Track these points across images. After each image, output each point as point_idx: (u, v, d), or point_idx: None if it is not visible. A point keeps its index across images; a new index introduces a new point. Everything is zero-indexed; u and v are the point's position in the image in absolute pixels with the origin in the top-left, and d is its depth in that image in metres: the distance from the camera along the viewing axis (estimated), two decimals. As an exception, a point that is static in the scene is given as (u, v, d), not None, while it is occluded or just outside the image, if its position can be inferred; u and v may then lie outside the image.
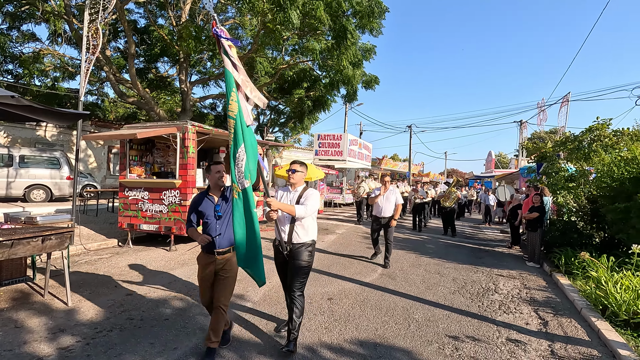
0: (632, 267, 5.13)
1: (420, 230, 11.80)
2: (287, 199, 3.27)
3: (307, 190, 3.28)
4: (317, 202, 3.23)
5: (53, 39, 14.33)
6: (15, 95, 2.40)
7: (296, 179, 3.29)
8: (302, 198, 3.20)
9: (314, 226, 3.31)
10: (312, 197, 3.21)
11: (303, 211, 3.08)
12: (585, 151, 9.05)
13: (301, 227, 3.19)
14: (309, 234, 3.24)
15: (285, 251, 3.18)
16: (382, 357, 3.20)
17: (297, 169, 3.28)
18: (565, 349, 3.53)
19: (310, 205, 3.15)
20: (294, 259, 3.18)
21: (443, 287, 5.49)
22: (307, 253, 3.20)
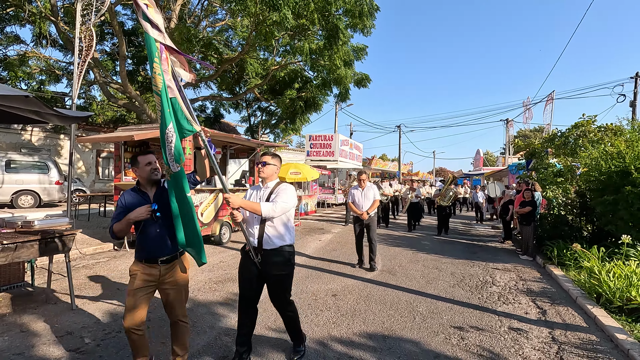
0: (622, 257, 5.34)
1: (414, 228, 11.67)
2: (257, 197, 2.87)
3: (279, 185, 2.86)
4: (291, 198, 2.78)
5: (38, 41, 14.04)
6: (30, 95, 2.38)
7: (267, 172, 2.86)
8: (272, 194, 2.78)
9: (289, 227, 2.84)
10: (284, 192, 2.77)
11: (270, 209, 2.64)
12: (572, 147, 9.36)
13: (273, 228, 2.75)
14: (284, 237, 2.79)
15: (257, 259, 2.74)
16: (392, 349, 3.28)
17: (268, 161, 2.86)
18: (565, 335, 3.67)
19: (282, 202, 2.70)
20: (267, 269, 2.76)
21: (443, 281, 5.61)
22: (282, 260, 2.77)
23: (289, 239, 2.83)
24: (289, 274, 2.86)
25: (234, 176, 9.61)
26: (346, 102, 17.13)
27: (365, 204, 6.22)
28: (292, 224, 2.90)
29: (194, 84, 16.70)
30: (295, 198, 2.83)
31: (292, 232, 2.90)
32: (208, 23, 15.08)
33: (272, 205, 2.67)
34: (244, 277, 2.84)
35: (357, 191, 6.34)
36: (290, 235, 2.85)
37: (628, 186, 5.79)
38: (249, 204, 2.65)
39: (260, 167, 2.86)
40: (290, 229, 2.87)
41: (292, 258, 2.87)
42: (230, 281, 5.21)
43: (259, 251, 2.75)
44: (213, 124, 19.71)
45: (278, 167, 2.94)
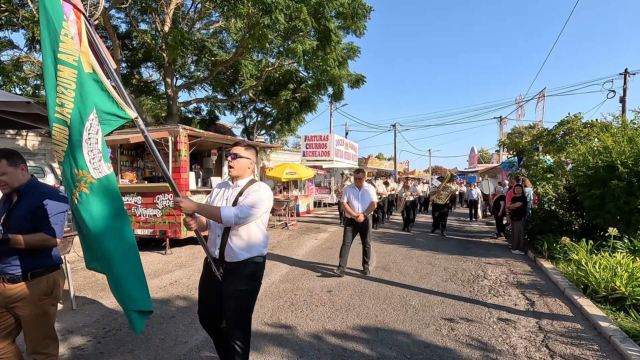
0: (609, 249, 5.50)
1: (409, 230, 10.98)
2: (222, 198, 2.36)
3: (252, 184, 2.33)
4: (263, 202, 2.26)
5: (31, 45, 14.03)
6: (31, 101, 2.47)
7: (238, 167, 2.32)
8: (242, 196, 2.27)
9: (259, 236, 2.34)
10: (256, 194, 2.24)
11: (233, 216, 2.13)
12: (559, 143, 9.57)
13: (238, 237, 2.26)
14: (252, 248, 2.30)
15: (218, 272, 2.29)
16: (385, 340, 3.40)
17: (239, 154, 2.32)
18: (552, 325, 3.80)
19: (250, 206, 2.19)
20: (228, 284, 2.27)
21: (435, 276, 5.74)
22: (247, 275, 2.28)
23: (259, 249, 2.34)
24: (252, 290, 2.33)
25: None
26: (341, 102, 17.25)
27: (362, 206, 5.66)
28: (264, 231, 2.40)
29: (189, 87, 16.76)
30: (269, 201, 2.32)
31: (264, 241, 2.39)
32: (202, 25, 15.15)
33: (236, 211, 2.15)
34: (203, 292, 2.41)
35: (353, 190, 5.77)
36: (260, 245, 2.35)
37: (614, 180, 5.95)
38: (206, 209, 2.17)
39: (230, 161, 2.32)
40: (262, 238, 2.37)
41: (260, 272, 2.38)
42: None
43: (221, 264, 2.29)
44: (208, 126, 19.75)
45: (253, 161, 2.40)
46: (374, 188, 5.90)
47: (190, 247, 7.77)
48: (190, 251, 7.40)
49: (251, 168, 2.41)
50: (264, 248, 2.39)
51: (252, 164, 2.40)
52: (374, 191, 5.85)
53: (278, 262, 6.52)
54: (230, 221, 2.15)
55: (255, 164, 2.45)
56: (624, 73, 16.52)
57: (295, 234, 9.92)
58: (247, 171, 2.38)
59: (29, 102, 2.47)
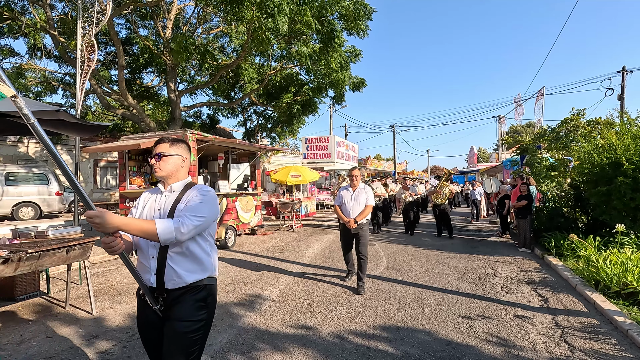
0: (617, 245, 5.58)
1: (412, 233, 10.30)
2: (154, 208, 1.85)
3: (191, 188, 1.85)
4: (210, 209, 1.78)
5: (32, 53, 14.07)
6: (60, 110, 2.51)
7: (166, 168, 1.84)
8: (181, 203, 1.79)
9: (207, 250, 1.86)
10: (199, 199, 1.78)
11: (172, 229, 1.63)
12: (563, 141, 9.66)
13: (181, 256, 1.77)
14: (201, 267, 1.82)
15: (156, 306, 1.76)
16: (406, 339, 3.45)
17: (165, 152, 1.84)
18: (568, 320, 3.87)
19: (194, 216, 1.70)
20: (172, 320, 1.75)
21: (447, 274, 5.80)
22: (198, 304, 1.78)
23: (210, 269, 1.86)
24: (204, 323, 1.81)
25: (236, 181, 9.74)
26: (341, 104, 17.34)
27: (355, 209, 4.97)
28: (214, 245, 1.93)
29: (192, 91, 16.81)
30: (216, 207, 1.85)
31: (213, 255, 1.91)
32: (203, 30, 15.22)
33: (176, 223, 1.66)
34: (147, 340, 1.87)
35: (346, 192, 5.12)
36: (211, 263, 1.87)
37: (620, 177, 6.04)
38: (135, 224, 1.60)
39: (154, 163, 1.84)
40: (213, 254, 1.90)
41: (213, 299, 1.87)
42: (242, 282, 5.34)
43: (160, 294, 1.76)
44: (209, 130, 19.80)
45: (186, 158, 1.92)
46: (372, 189, 5.27)
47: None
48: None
49: (186, 167, 1.95)
50: (215, 267, 1.91)
51: (185, 161, 1.92)
52: (371, 193, 5.15)
53: (289, 264, 6.56)
54: (171, 237, 1.63)
55: (189, 161, 1.97)
56: (622, 71, 16.70)
57: (302, 236, 9.97)
58: (181, 171, 1.90)
59: (57, 110, 2.51)
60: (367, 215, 5.03)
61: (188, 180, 1.94)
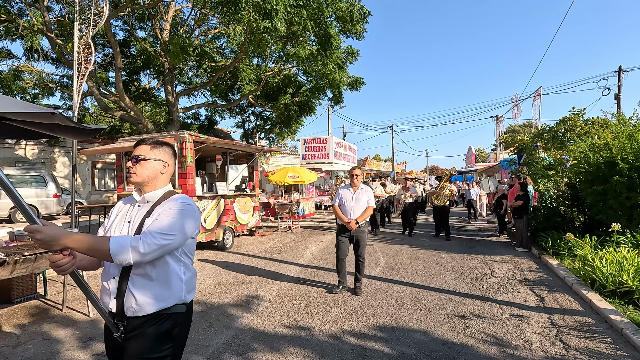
0: (613, 244, 5.61)
1: (410, 235, 10.10)
2: (124, 220, 1.62)
3: (168, 199, 1.61)
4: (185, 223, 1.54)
5: (29, 55, 14.06)
6: (56, 112, 2.51)
7: (143, 174, 1.62)
8: (151, 216, 1.54)
9: (178, 274, 1.60)
10: (171, 213, 1.54)
11: (128, 249, 1.40)
12: (560, 140, 9.71)
13: (145, 279, 1.53)
14: (167, 293, 1.56)
15: (117, 333, 1.55)
16: (402, 339, 3.46)
17: (143, 155, 1.63)
18: (563, 319, 3.88)
19: (159, 231, 1.47)
20: (130, 352, 1.54)
21: (444, 274, 5.82)
22: (160, 336, 1.55)
23: (179, 294, 1.60)
24: (167, 358, 1.57)
25: (234, 182, 9.75)
26: (339, 104, 17.37)
27: (356, 210, 4.80)
28: (189, 267, 1.67)
29: (189, 92, 16.80)
30: (194, 223, 1.60)
31: (189, 281, 1.65)
32: (200, 32, 15.23)
33: (136, 242, 1.42)
34: (110, 356, 1.70)
35: (346, 192, 4.93)
36: (181, 288, 1.61)
37: (616, 176, 6.07)
38: (85, 241, 1.37)
39: (130, 167, 1.63)
40: (185, 277, 1.63)
41: (181, 330, 1.63)
42: (239, 284, 5.35)
43: (120, 320, 1.55)
44: (207, 131, 19.80)
45: (168, 164, 1.70)
46: (371, 191, 5.07)
47: (197, 253, 7.80)
48: (198, 256, 7.42)
49: (168, 174, 1.70)
50: (188, 292, 1.64)
51: (166, 167, 1.69)
52: (372, 194, 5.05)
53: (287, 265, 6.57)
54: (126, 258, 1.40)
55: (173, 167, 1.74)
56: (618, 70, 16.77)
57: (300, 237, 9.97)
58: (161, 179, 1.67)
59: (54, 112, 2.51)
60: (367, 217, 4.88)
61: (167, 190, 1.69)
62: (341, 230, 4.90)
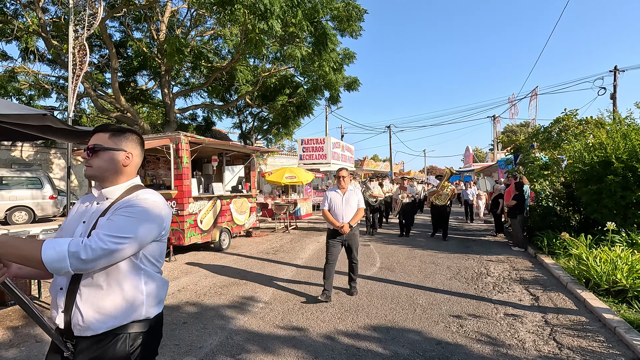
0: (608, 243, 5.63)
1: (407, 235, 10.06)
2: (80, 220, 1.38)
3: (130, 196, 1.37)
4: (145, 224, 1.30)
5: (25, 56, 14.01)
6: (47, 114, 2.51)
7: (100, 167, 1.39)
8: (106, 215, 1.31)
9: (137, 285, 1.36)
10: (129, 212, 1.30)
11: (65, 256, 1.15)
12: (555, 140, 9.74)
13: (96, 291, 1.30)
14: (122, 309, 1.32)
15: (67, 351, 1.30)
16: (396, 339, 3.46)
17: (100, 143, 1.39)
18: (557, 318, 3.89)
19: (110, 232, 1.23)
20: None
21: (440, 274, 5.82)
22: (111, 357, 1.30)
23: (137, 310, 1.35)
24: None
25: (231, 183, 9.73)
26: (337, 105, 17.37)
27: (347, 213, 4.64)
28: (151, 273, 1.40)
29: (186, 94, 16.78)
30: (156, 225, 1.35)
31: (154, 292, 1.41)
32: (197, 32, 15.22)
33: (75, 247, 1.17)
34: None
35: (335, 195, 4.74)
36: (142, 302, 1.36)
37: (610, 175, 6.09)
38: (14, 246, 1.15)
39: (86, 159, 1.40)
40: (148, 289, 1.38)
41: (143, 349, 1.37)
42: (234, 285, 5.34)
43: (69, 338, 1.31)
44: (205, 132, 19.77)
45: (132, 154, 1.45)
46: (363, 189, 4.87)
47: (194, 254, 7.79)
48: (194, 257, 7.41)
49: (132, 166, 1.46)
50: (151, 306, 1.39)
51: (130, 158, 1.44)
52: (361, 194, 4.90)
53: (283, 265, 6.56)
54: (64, 267, 1.15)
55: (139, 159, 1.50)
56: (614, 70, 16.84)
57: (297, 237, 9.97)
58: (123, 172, 1.43)
59: (45, 114, 2.51)
60: (359, 219, 4.74)
61: (131, 184, 1.44)
62: (332, 234, 4.69)
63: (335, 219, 4.65)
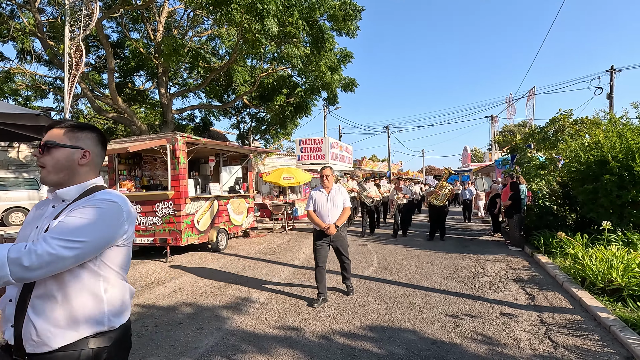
0: (604, 242, 5.64)
1: (405, 235, 9.99)
2: (33, 225, 1.30)
3: (87, 198, 1.26)
4: (100, 229, 1.20)
5: (22, 57, 13.97)
6: (40, 114, 2.50)
7: (54, 166, 1.28)
8: (57, 218, 1.21)
9: (97, 294, 1.24)
10: (82, 214, 1.19)
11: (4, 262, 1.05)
12: (551, 140, 9.77)
13: (50, 302, 1.18)
14: (78, 321, 1.20)
15: None
16: (392, 338, 3.46)
17: (53, 140, 1.28)
18: (553, 317, 3.90)
19: (59, 235, 1.12)
20: None
21: (436, 274, 5.83)
22: None
23: (98, 320, 1.24)
24: None
25: (228, 183, 9.72)
26: (334, 105, 17.38)
27: (333, 213, 4.49)
28: (112, 280, 1.29)
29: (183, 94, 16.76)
30: (115, 228, 1.24)
31: (115, 298, 1.29)
32: (194, 33, 15.20)
33: (16, 252, 1.07)
34: None
35: (320, 195, 4.57)
36: (101, 310, 1.24)
37: (606, 175, 6.11)
38: None
39: (37, 157, 1.29)
40: (105, 293, 1.26)
41: None
42: (231, 285, 5.33)
43: (21, 356, 1.18)
44: (202, 133, 19.75)
45: (89, 152, 1.33)
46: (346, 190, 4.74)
47: (191, 254, 7.77)
48: (191, 258, 7.40)
49: (91, 165, 1.34)
50: (115, 315, 1.28)
51: (87, 156, 1.32)
52: (347, 193, 4.74)
53: (280, 266, 6.56)
54: (3, 275, 1.05)
55: (100, 158, 1.39)
56: (610, 70, 16.90)
57: (295, 237, 9.96)
58: (79, 171, 1.31)
59: (38, 114, 2.50)
60: (345, 219, 4.57)
61: (90, 185, 1.31)
62: (319, 235, 4.54)
63: (320, 220, 4.50)
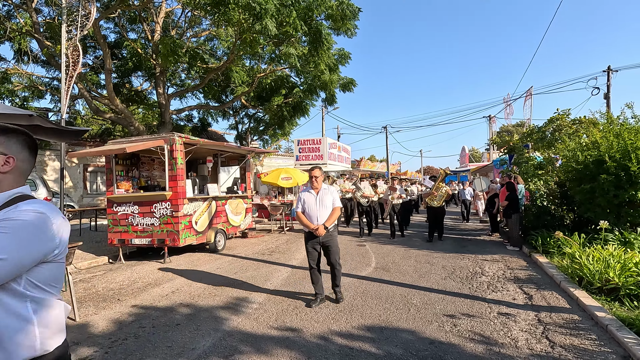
0: (601, 242, 5.65)
1: (403, 234, 9.90)
2: None
3: (10, 208, 1.14)
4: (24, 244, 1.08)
5: (19, 57, 13.92)
6: (33, 114, 2.49)
7: None
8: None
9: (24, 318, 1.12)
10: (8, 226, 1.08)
11: None
12: (548, 140, 9.80)
13: None
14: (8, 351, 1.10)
15: None
16: (390, 339, 3.46)
17: None
18: (550, 317, 3.91)
19: None
20: None
21: (434, 274, 5.83)
22: None
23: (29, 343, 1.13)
24: None
25: (226, 184, 9.71)
26: (333, 105, 17.38)
27: (322, 214, 4.37)
28: (41, 300, 1.17)
29: (181, 94, 16.73)
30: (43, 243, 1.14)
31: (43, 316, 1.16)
32: (192, 33, 15.18)
33: None
34: None
35: (308, 195, 4.47)
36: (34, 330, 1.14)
37: (603, 174, 6.12)
38: None
39: None
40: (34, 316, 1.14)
41: None
42: (229, 286, 5.32)
43: None
44: (201, 133, 19.72)
45: (12, 158, 1.22)
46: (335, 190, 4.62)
47: (189, 255, 7.76)
48: (189, 259, 7.39)
49: (15, 173, 1.23)
50: (48, 337, 1.18)
51: (10, 162, 1.21)
52: (337, 193, 4.64)
53: (278, 266, 6.55)
54: None
55: (27, 164, 1.27)
56: (608, 70, 16.96)
57: (293, 238, 9.95)
58: (2, 180, 1.20)
59: (31, 115, 2.49)
60: (335, 220, 4.47)
61: (14, 194, 1.19)
62: (309, 237, 4.44)
63: (309, 221, 4.39)
